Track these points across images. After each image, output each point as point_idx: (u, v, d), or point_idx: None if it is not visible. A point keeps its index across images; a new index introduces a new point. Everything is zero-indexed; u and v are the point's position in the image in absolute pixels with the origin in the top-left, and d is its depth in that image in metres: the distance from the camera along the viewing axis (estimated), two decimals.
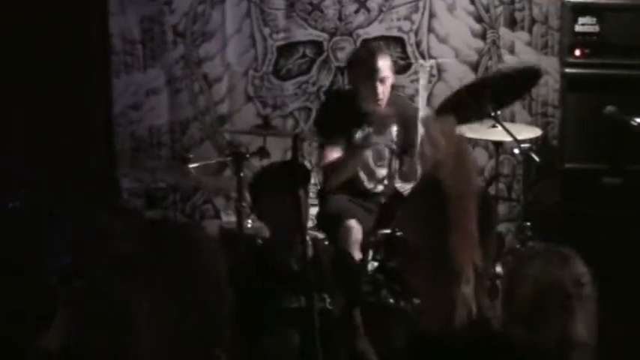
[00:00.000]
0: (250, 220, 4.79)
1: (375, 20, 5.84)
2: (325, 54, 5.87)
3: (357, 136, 4.91)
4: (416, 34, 5.86)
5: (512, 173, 5.93)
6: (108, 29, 5.72)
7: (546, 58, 5.86)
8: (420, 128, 4.79)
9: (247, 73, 5.86)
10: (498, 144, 5.16)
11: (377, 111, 4.91)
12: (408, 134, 4.99)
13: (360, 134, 4.96)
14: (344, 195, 5.00)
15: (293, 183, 3.65)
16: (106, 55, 5.74)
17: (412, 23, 5.85)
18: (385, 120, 4.94)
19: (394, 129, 5.00)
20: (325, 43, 5.87)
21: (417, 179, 1.93)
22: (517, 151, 5.03)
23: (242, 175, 4.62)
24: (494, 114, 4.85)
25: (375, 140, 4.93)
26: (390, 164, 5.06)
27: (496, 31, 5.87)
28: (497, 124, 4.87)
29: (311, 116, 5.76)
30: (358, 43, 5.77)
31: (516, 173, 5.93)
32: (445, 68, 5.88)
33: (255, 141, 5.09)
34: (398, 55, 5.75)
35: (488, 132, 4.95)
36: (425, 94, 4.76)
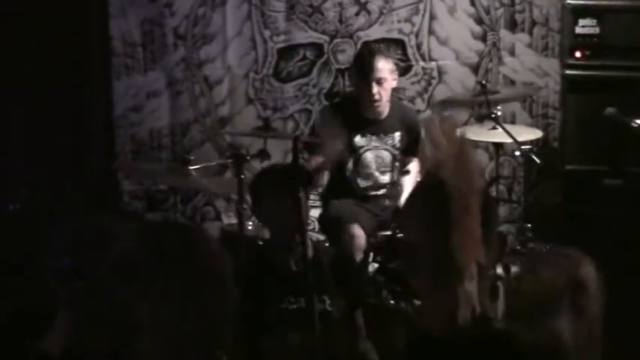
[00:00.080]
0: (251, 222, 4.79)
1: (376, 22, 5.84)
2: (326, 56, 5.87)
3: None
4: (416, 37, 5.86)
5: (512, 175, 5.93)
6: (108, 31, 5.72)
7: (547, 60, 5.86)
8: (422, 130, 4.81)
9: (248, 76, 5.86)
10: (499, 146, 5.17)
11: (377, 115, 4.92)
12: (411, 140, 4.99)
13: (360, 138, 4.97)
14: (346, 199, 5.00)
15: (293, 185, 3.65)
16: (107, 58, 5.74)
17: (413, 25, 5.85)
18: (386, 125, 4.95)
19: (397, 134, 5.00)
20: (326, 46, 5.86)
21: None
22: (518, 153, 5.04)
23: (243, 177, 4.62)
24: (494, 116, 4.86)
25: (376, 144, 4.94)
26: (393, 170, 5.05)
27: (496, 33, 5.87)
28: (497, 126, 4.88)
29: (311, 118, 5.76)
30: (358, 46, 5.77)
31: (517, 175, 5.93)
32: (446, 70, 5.88)
33: (255, 143, 5.09)
34: (398, 57, 5.75)
35: (488, 134, 4.96)
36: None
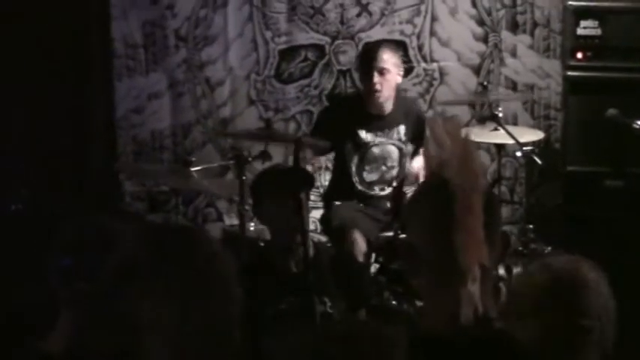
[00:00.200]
0: (252, 223, 4.79)
1: (377, 24, 5.84)
2: (327, 57, 5.87)
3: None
4: (418, 38, 5.86)
5: (514, 176, 5.93)
6: (110, 33, 5.72)
7: (548, 61, 5.86)
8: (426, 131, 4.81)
9: (249, 77, 5.86)
10: (501, 147, 5.17)
11: (380, 110, 4.93)
12: (417, 131, 4.98)
13: (365, 134, 4.97)
14: (348, 200, 4.99)
15: (294, 186, 3.65)
16: (108, 59, 5.74)
17: (414, 27, 5.85)
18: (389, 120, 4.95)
19: (402, 127, 5.00)
20: (327, 47, 5.87)
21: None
22: (519, 154, 5.04)
23: (244, 179, 4.62)
24: (496, 117, 4.86)
25: (380, 140, 4.95)
26: (401, 164, 5.04)
27: (498, 35, 5.87)
28: (499, 127, 4.89)
29: (313, 119, 5.76)
30: (360, 47, 5.77)
31: (519, 176, 5.92)
32: (447, 72, 5.88)
33: (257, 144, 5.08)
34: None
35: (490, 135, 4.96)
36: None
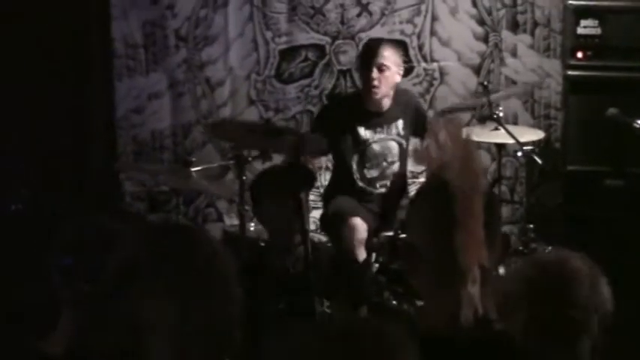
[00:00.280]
0: (253, 224, 4.80)
1: (378, 23, 5.84)
2: (327, 57, 5.87)
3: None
4: (418, 38, 5.86)
5: (514, 176, 5.92)
6: (110, 33, 5.72)
7: (548, 61, 5.86)
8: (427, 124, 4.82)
9: (250, 77, 5.86)
10: (501, 146, 5.17)
11: (379, 107, 4.93)
12: (418, 123, 4.98)
13: (364, 131, 4.98)
14: (348, 196, 5.00)
15: (293, 186, 3.65)
16: (108, 59, 5.74)
17: (414, 26, 5.85)
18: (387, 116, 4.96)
19: (400, 122, 5.00)
20: (327, 47, 5.86)
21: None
22: (520, 154, 5.04)
23: (244, 179, 4.62)
24: (496, 117, 4.86)
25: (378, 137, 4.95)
26: (402, 159, 5.05)
27: (498, 34, 5.86)
28: (499, 127, 4.89)
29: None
30: (360, 47, 5.77)
31: (519, 176, 5.92)
32: (447, 71, 5.88)
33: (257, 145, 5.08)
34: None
35: (490, 134, 4.96)
36: None
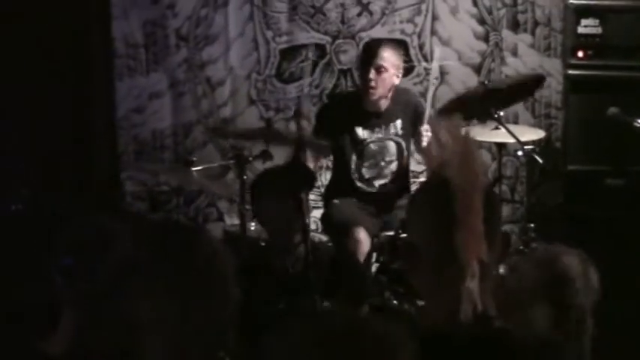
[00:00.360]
0: (254, 223, 4.80)
1: (378, 23, 5.84)
2: (328, 57, 5.87)
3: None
4: (419, 37, 5.86)
5: (515, 175, 5.92)
6: (110, 33, 5.72)
7: (549, 60, 5.85)
8: (426, 124, 4.83)
9: (250, 77, 5.87)
10: (501, 146, 5.16)
11: (377, 108, 4.94)
12: (414, 123, 4.99)
13: (362, 131, 4.98)
14: (349, 198, 4.99)
15: (294, 186, 3.65)
16: (109, 59, 5.75)
17: (415, 26, 5.84)
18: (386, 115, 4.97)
19: (398, 122, 5.00)
20: (328, 46, 5.86)
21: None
22: (520, 153, 5.04)
23: (245, 178, 4.63)
24: (497, 116, 4.86)
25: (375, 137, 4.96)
26: (400, 159, 5.04)
27: (499, 34, 5.86)
28: (500, 126, 4.88)
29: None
30: (361, 47, 5.77)
31: (519, 175, 5.92)
32: (448, 71, 5.88)
33: (258, 144, 5.09)
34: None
35: (491, 134, 4.96)
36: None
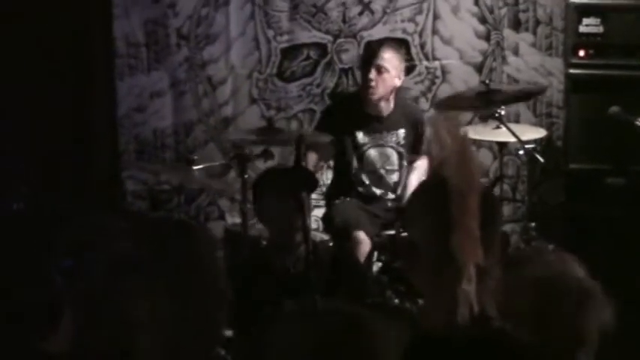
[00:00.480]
0: (255, 222, 4.80)
1: (379, 22, 5.83)
2: (329, 56, 5.87)
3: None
4: (420, 36, 5.85)
5: (516, 174, 5.92)
6: (112, 32, 5.72)
7: (550, 59, 5.85)
8: (428, 130, 4.83)
9: (251, 76, 5.86)
10: (503, 145, 5.17)
11: (379, 112, 4.94)
12: (416, 137, 4.99)
13: (362, 136, 4.98)
14: (351, 199, 4.99)
15: (295, 186, 3.65)
16: (110, 58, 5.75)
17: (416, 25, 5.84)
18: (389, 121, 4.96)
19: (401, 131, 5.00)
20: (329, 45, 5.86)
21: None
22: (521, 152, 5.05)
23: (246, 177, 4.63)
24: (498, 115, 4.86)
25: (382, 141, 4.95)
26: (401, 169, 5.04)
27: (500, 33, 5.86)
28: (501, 125, 4.88)
29: (315, 118, 5.76)
30: (362, 46, 5.77)
31: (521, 174, 5.92)
32: (449, 70, 5.88)
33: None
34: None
35: (492, 133, 4.97)
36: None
